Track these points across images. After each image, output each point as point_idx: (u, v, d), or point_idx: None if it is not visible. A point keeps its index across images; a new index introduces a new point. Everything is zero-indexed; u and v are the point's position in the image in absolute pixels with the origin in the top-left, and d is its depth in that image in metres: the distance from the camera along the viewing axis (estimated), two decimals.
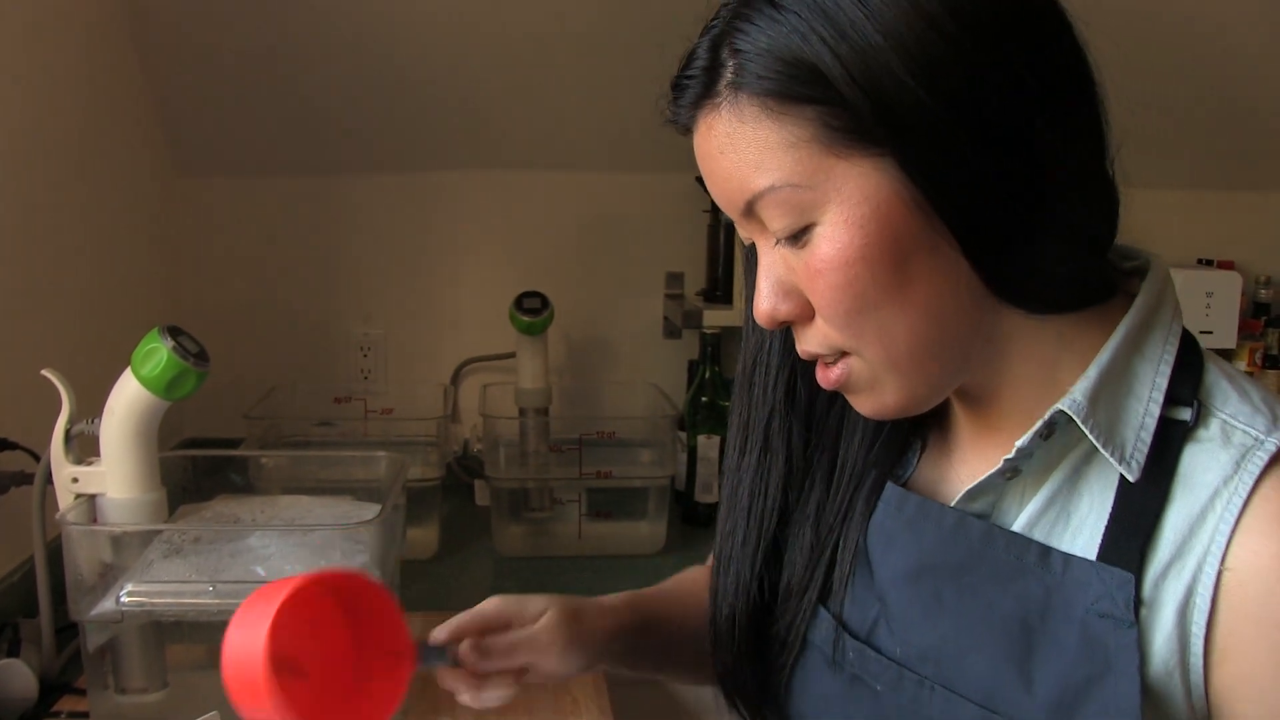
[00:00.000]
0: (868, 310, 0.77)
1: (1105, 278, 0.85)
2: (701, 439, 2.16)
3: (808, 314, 0.82)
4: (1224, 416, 0.78)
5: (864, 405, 0.85)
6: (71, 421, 1.31)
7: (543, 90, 2.25)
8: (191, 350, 1.27)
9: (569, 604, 1.05)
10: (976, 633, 0.82)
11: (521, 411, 2.20)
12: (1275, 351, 2.51)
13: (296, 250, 2.41)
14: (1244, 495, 0.74)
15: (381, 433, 2.24)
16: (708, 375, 2.18)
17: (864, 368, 0.81)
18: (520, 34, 2.13)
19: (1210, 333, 2.39)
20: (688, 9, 2.14)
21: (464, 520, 2.21)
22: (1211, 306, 2.37)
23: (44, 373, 1.31)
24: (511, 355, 2.25)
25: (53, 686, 1.47)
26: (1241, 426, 0.77)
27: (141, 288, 2.19)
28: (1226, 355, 2.47)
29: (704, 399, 2.17)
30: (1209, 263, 2.54)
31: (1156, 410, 0.79)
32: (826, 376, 0.84)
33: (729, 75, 0.78)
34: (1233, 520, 0.74)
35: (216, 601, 1.27)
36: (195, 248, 2.38)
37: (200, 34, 2.08)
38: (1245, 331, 2.46)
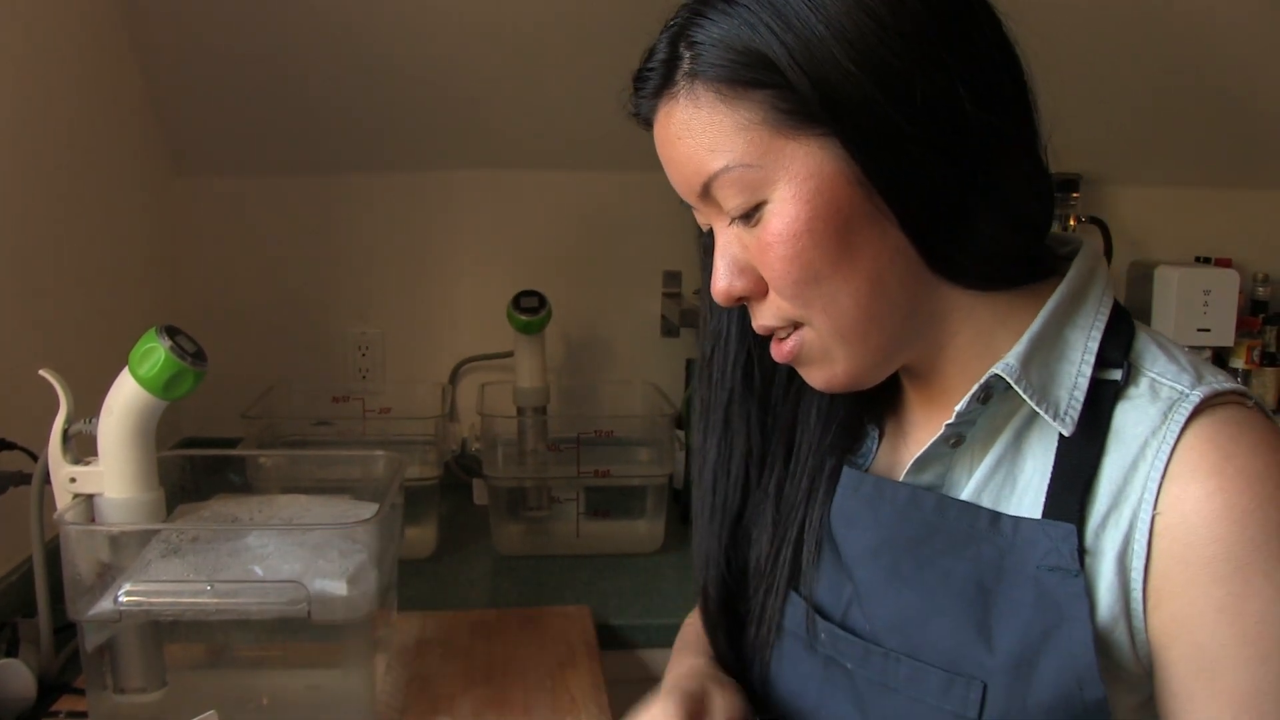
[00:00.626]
0: (815, 281, 0.83)
1: (1041, 259, 0.90)
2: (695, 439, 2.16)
3: (761, 290, 0.87)
4: (1152, 375, 0.84)
5: (816, 377, 0.90)
6: (69, 421, 1.31)
7: (540, 89, 2.25)
8: (189, 350, 1.27)
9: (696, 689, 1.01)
10: (936, 600, 0.86)
11: (519, 410, 2.20)
12: (1273, 349, 2.51)
13: (294, 250, 2.41)
14: (1171, 444, 0.79)
15: (380, 432, 2.24)
16: None
17: (815, 339, 0.86)
18: (517, 32, 2.13)
19: (1208, 330, 2.39)
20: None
21: (462, 519, 2.22)
22: (1209, 304, 2.37)
23: (41, 372, 1.31)
24: (509, 354, 2.26)
25: (51, 686, 1.47)
26: (1168, 383, 0.82)
27: (139, 287, 2.19)
28: (1224, 353, 2.47)
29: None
30: (1207, 260, 2.54)
31: (1089, 371, 0.84)
32: (780, 350, 0.89)
33: (686, 65, 0.85)
34: (1162, 467, 0.79)
35: (215, 601, 1.27)
36: (193, 247, 2.37)
37: (198, 33, 2.08)
38: (1243, 329, 2.45)
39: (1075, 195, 2.43)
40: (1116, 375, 0.84)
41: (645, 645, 1.76)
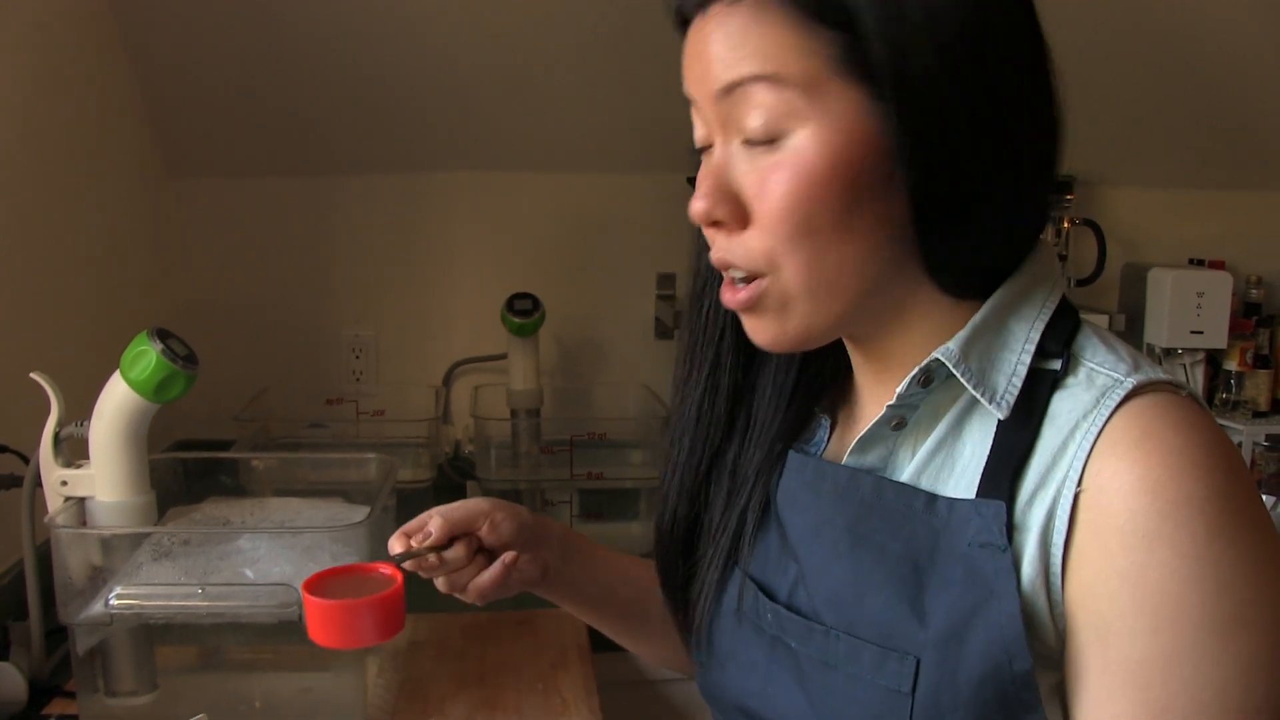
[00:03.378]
0: (810, 232, 0.82)
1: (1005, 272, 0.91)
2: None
3: (741, 221, 0.85)
4: (1091, 365, 0.85)
5: (764, 331, 0.89)
6: (60, 424, 1.31)
7: (534, 91, 2.25)
8: (180, 353, 1.27)
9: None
10: (871, 577, 0.88)
11: (513, 413, 2.20)
12: (1266, 351, 2.51)
13: (288, 251, 2.41)
14: (1100, 425, 0.81)
15: (373, 434, 2.24)
16: None
17: (776, 291, 0.85)
18: (511, 35, 2.13)
19: (1201, 333, 2.39)
20: None
21: None
22: (1202, 306, 2.38)
23: (33, 375, 1.31)
24: (503, 356, 2.25)
25: (42, 689, 1.47)
26: (1105, 371, 0.84)
27: (132, 289, 2.19)
28: (1217, 355, 2.48)
29: None
30: (1200, 262, 2.55)
31: (1028, 360, 0.86)
32: (734, 295, 0.88)
33: None
34: (1089, 446, 0.80)
35: (206, 604, 1.28)
36: (186, 249, 2.37)
37: (191, 35, 2.08)
38: (1236, 331, 2.45)
39: (1069, 197, 2.44)
40: (1056, 365, 0.86)
41: None
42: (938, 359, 0.85)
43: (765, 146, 0.82)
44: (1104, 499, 0.79)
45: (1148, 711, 0.77)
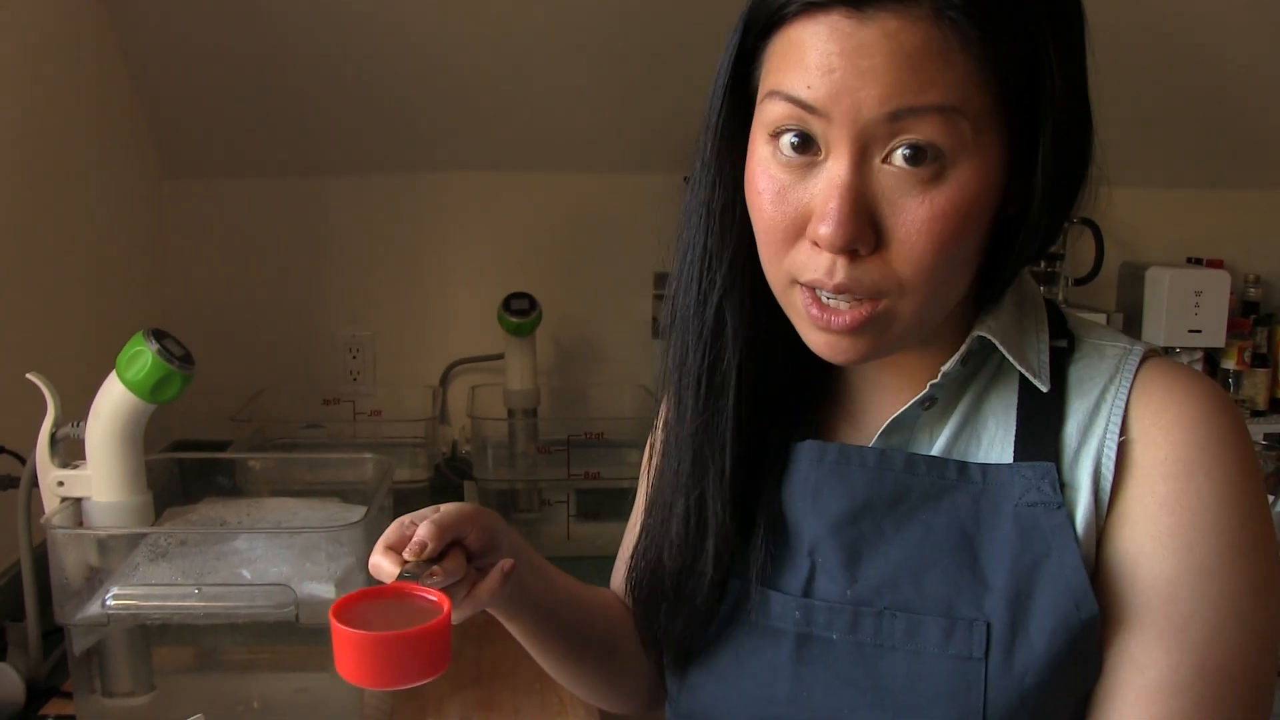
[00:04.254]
0: (953, 265, 0.83)
1: None
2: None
3: (873, 247, 0.81)
4: (1093, 341, 0.93)
5: (848, 350, 0.86)
6: (57, 425, 1.31)
7: (530, 90, 2.25)
8: (176, 353, 1.27)
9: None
10: (925, 552, 0.89)
11: (510, 413, 2.20)
12: (1264, 350, 2.52)
13: (284, 252, 2.41)
14: (1128, 383, 0.89)
15: (370, 434, 2.24)
16: None
17: (889, 314, 0.84)
18: (507, 35, 2.13)
19: (1199, 331, 2.39)
20: (676, 10, 2.15)
21: None
22: (1200, 305, 2.38)
23: (29, 376, 1.31)
24: (500, 356, 2.25)
25: (39, 690, 1.47)
26: (1110, 343, 0.92)
27: (128, 290, 2.18)
28: (1215, 354, 2.48)
29: None
30: (1198, 261, 2.55)
31: (1046, 339, 0.93)
32: (839, 318, 0.84)
33: (961, 3, 0.77)
34: (1123, 403, 0.88)
35: (203, 604, 1.27)
36: (182, 250, 2.37)
37: (187, 35, 2.07)
38: (1234, 330, 2.45)
39: None
40: (1064, 344, 0.93)
41: None
42: (982, 336, 0.89)
43: (922, 175, 0.79)
44: (1149, 437, 0.86)
45: (1172, 625, 0.83)
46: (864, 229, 0.80)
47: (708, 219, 0.93)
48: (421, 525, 0.92)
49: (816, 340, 0.87)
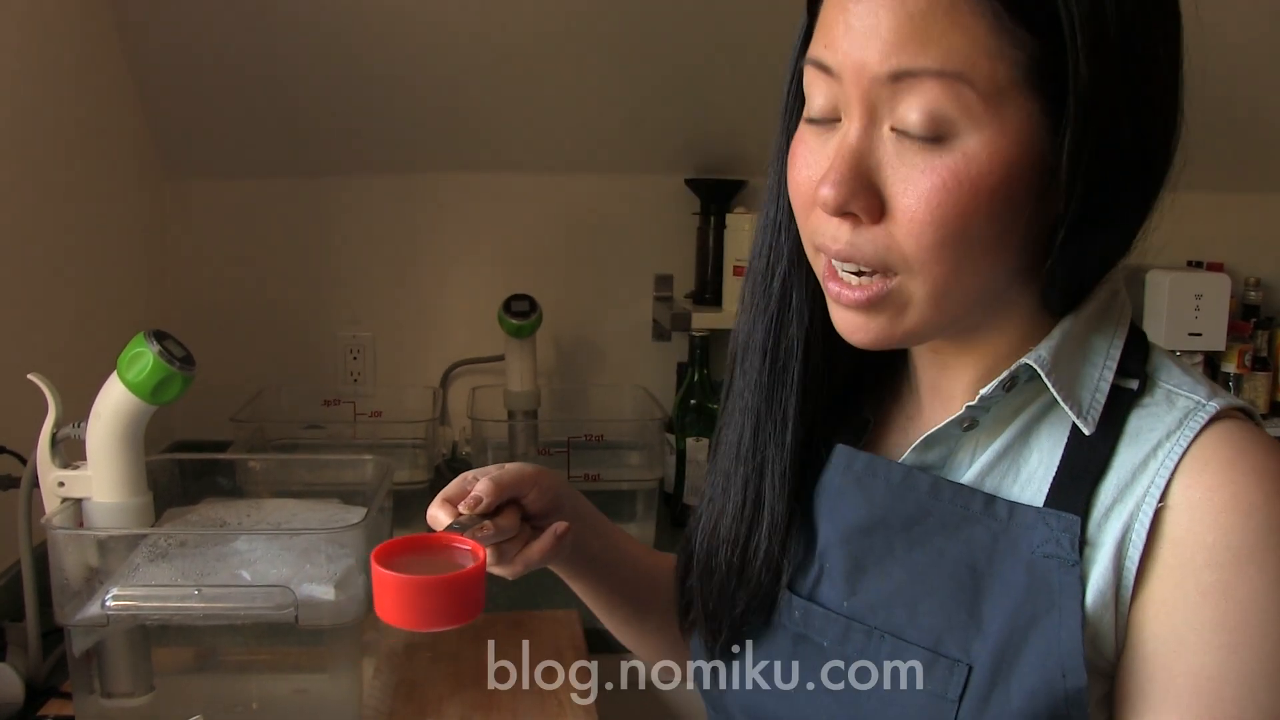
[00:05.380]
0: (960, 243, 0.77)
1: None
2: (690, 442, 2.16)
3: (874, 215, 0.79)
4: (1168, 387, 0.85)
5: (869, 331, 0.84)
6: (57, 425, 1.31)
7: (531, 92, 2.25)
8: (177, 354, 1.27)
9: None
10: (928, 580, 0.86)
11: (510, 414, 2.20)
12: (1265, 354, 2.52)
13: (284, 253, 2.41)
14: (1185, 444, 0.80)
15: (370, 435, 2.24)
16: (696, 378, 2.18)
17: (902, 292, 0.81)
18: (507, 35, 2.13)
19: (1199, 334, 2.39)
20: (675, 10, 2.15)
21: None
22: (1201, 308, 2.38)
23: (30, 376, 1.31)
24: (500, 358, 2.25)
25: (39, 691, 1.47)
26: (1185, 394, 0.84)
27: (129, 291, 2.19)
28: (1215, 357, 2.48)
29: (693, 402, 2.17)
30: (1199, 264, 2.55)
31: (1110, 376, 0.85)
32: (850, 293, 0.82)
33: None
34: (1173, 465, 0.80)
35: (202, 605, 1.27)
36: (183, 251, 2.37)
37: (188, 37, 2.07)
38: (1234, 333, 2.45)
39: None
40: (1134, 384, 0.85)
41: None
42: (1028, 364, 0.83)
43: (926, 143, 0.76)
44: (1192, 515, 0.79)
45: None
46: (860, 193, 0.78)
47: (776, 190, 0.92)
48: (481, 480, 0.95)
49: (837, 317, 0.86)
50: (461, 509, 0.93)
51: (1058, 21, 0.74)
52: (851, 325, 0.84)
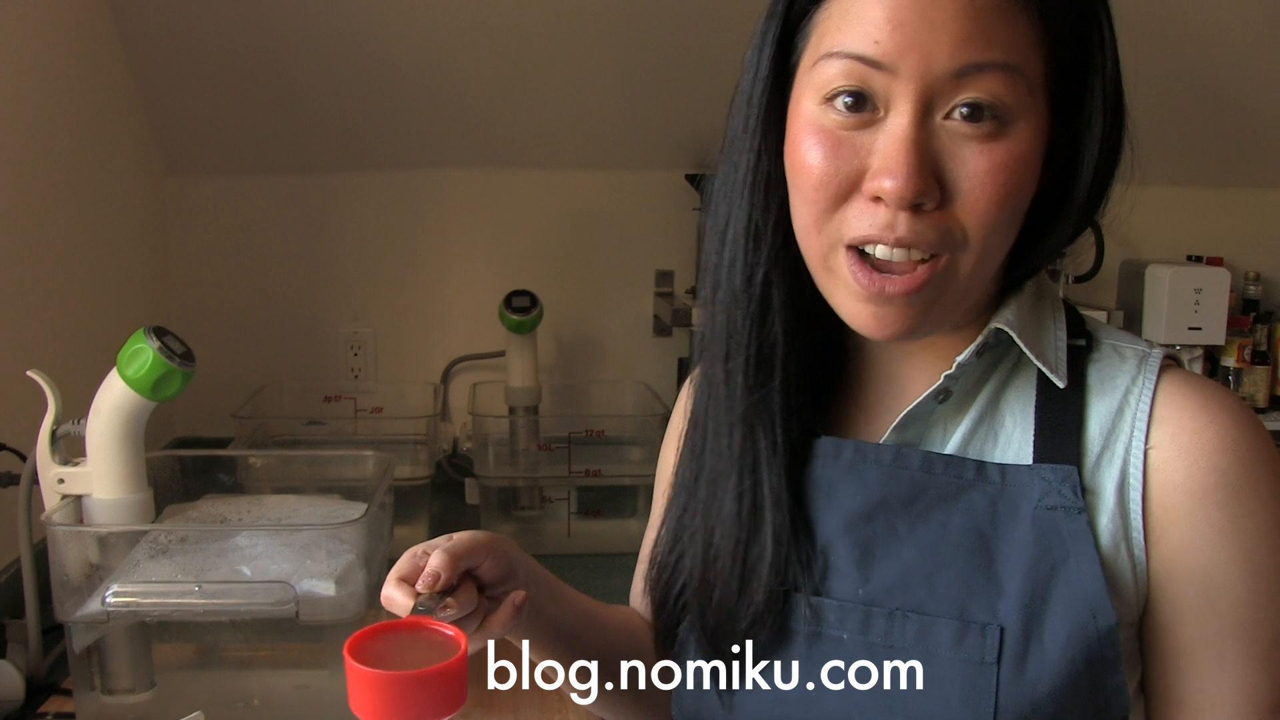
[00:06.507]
0: (1012, 218, 0.84)
1: None
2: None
3: (938, 201, 0.82)
4: (1111, 342, 0.92)
5: (904, 319, 0.85)
6: (57, 422, 1.31)
7: (532, 88, 2.25)
8: (177, 351, 1.27)
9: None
10: (939, 553, 0.87)
11: (511, 410, 2.20)
12: (1264, 348, 2.52)
13: (285, 249, 2.41)
14: (1151, 389, 0.87)
15: (371, 431, 2.24)
16: None
17: (951, 270, 0.84)
18: (509, 31, 2.13)
19: (1199, 329, 2.39)
20: (678, 8, 2.15)
21: (454, 518, 2.21)
22: (1200, 303, 2.38)
23: (30, 373, 1.31)
24: (501, 354, 2.25)
25: (39, 687, 1.47)
26: (1128, 345, 0.92)
27: (129, 287, 2.19)
28: (1215, 351, 2.48)
29: None
30: (1198, 259, 2.55)
31: (1063, 336, 0.92)
32: (896, 283, 0.83)
33: None
34: (1147, 409, 0.87)
35: (203, 601, 1.27)
36: (183, 247, 2.37)
37: (188, 33, 2.07)
38: (1234, 328, 2.45)
39: None
40: (1082, 342, 0.92)
41: None
42: (999, 328, 0.88)
43: (984, 129, 0.81)
44: (1187, 460, 0.85)
45: (1259, 649, 0.85)
46: (930, 183, 0.80)
47: (751, 191, 0.90)
48: (434, 555, 0.90)
49: (860, 311, 0.86)
50: (420, 588, 0.88)
51: (1085, 24, 0.84)
52: (884, 320, 0.85)
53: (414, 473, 2.03)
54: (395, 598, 0.88)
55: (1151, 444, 0.86)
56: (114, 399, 1.28)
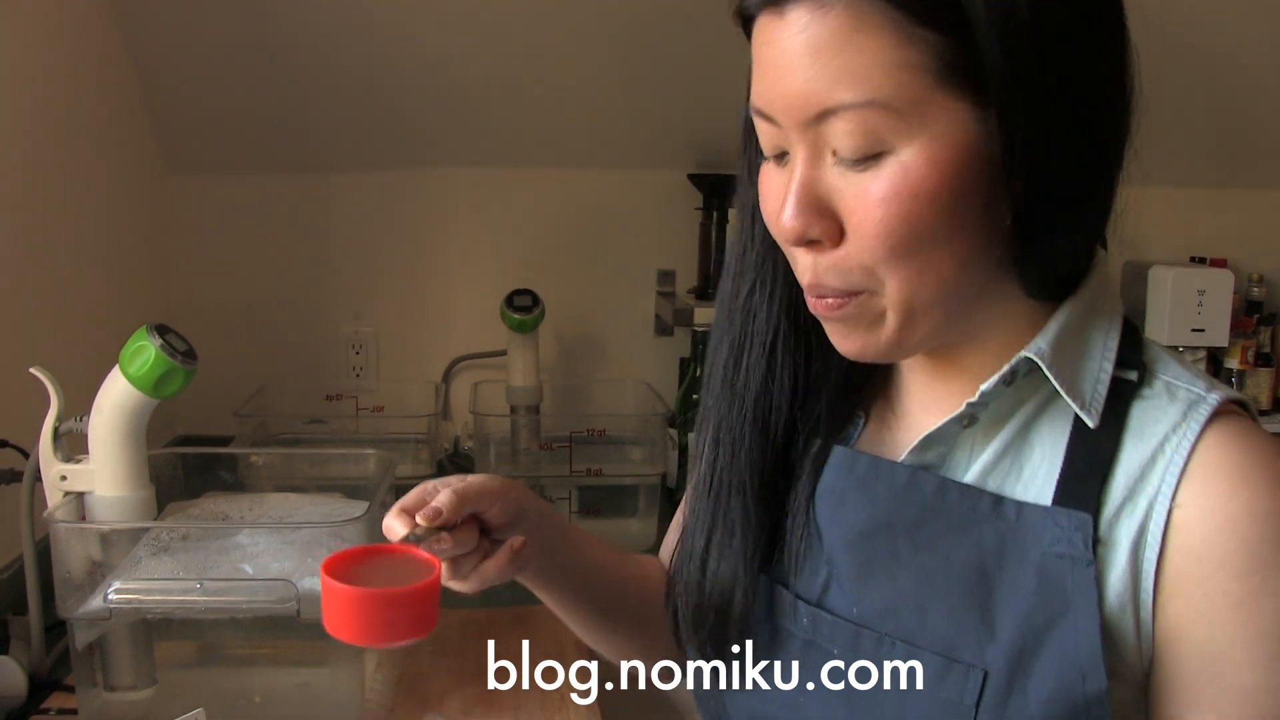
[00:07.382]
0: (915, 249, 0.77)
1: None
2: (692, 437, 2.15)
3: (834, 239, 0.80)
4: (1167, 379, 0.85)
5: (854, 341, 0.84)
6: (60, 419, 1.31)
7: (533, 87, 2.25)
8: (179, 348, 1.27)
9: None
10: (936, 584, 0.85)
11: (512, 409, 2.20)
12: (1268, 349, 2.52)
13: (287, 248, 2.41)
14: (1191, 441, 0.80)
15: (373, 430, 2.24)
16: (699, 373, 2.16)
17: (874, 306, 0.81)
18: (510, 31, 2.13)
19: (1202, 330, 2.39)
20: (678, 4, 2.15)
21: None
22: (1204, 304, 2.37)
23: (32, 370, 1.31)
24: (502, 353, 2.26)
25: (42, 684, 1.47)
26: (1184, 386, 0.84)
27: (131, 285, 2.19)
28: (1219, 353, 2.48)
29: (695, 397, 2.17)
30: (1201, 260, 2.55)
31: (1109, 368, 0.85)
32: (824, 303, 0.83)
33: None
34: (1181, 463, 0.80)
35: (204, 599, 1.28)
36: (185, 245, 2.37)
37: (191, 31, 2.07)
38: (1238, 329, 2.45)
39: None
40: (1132, 375, 0.85)
41: None
42: (1029, 358, 0.83)
43: (864, 165, 0.77)
44: (1210, 524, 0.79)
45: None
46: (815, 220, 0.79)
47: (740, 214, 0.94)
48: (442, 493, 0.92)
49: (830, 331, 0.86)
50: (419, 520, 0.89)
51: (964, 14, 0.74)
52: (836, 335, 0.86)
53: (415, 471, 2.04)
54: (394, 526, 0.90)
55: (1178, 502, 0.79)
56: (116, 396, 1.28)
